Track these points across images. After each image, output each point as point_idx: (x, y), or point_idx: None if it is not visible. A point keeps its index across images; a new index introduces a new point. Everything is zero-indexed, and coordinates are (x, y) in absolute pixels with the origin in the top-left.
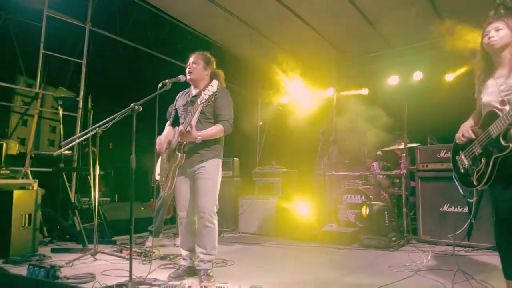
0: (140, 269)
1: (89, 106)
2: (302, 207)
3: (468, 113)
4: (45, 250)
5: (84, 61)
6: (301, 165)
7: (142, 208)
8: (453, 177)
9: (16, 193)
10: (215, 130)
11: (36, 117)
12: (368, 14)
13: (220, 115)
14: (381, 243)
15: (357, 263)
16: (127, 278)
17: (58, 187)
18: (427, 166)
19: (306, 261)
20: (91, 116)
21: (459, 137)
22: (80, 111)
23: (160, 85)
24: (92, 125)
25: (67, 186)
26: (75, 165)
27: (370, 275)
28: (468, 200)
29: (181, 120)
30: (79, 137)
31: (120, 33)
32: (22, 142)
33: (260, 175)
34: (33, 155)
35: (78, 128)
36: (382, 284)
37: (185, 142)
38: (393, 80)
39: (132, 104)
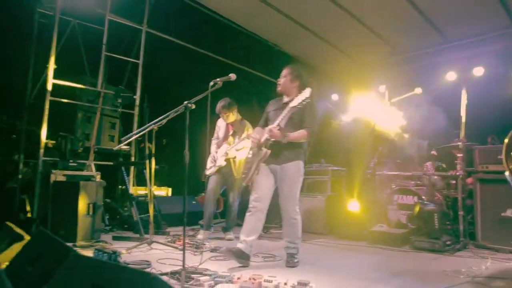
0: (192, 260)
1: (145, 104)
2: (351, 206)
3: None
4: (106, 237)
5: (140, 61)
6: (350, 163)
7: (194, 202)
8: (508, 178)
9: (82, 184)
10: (300, 134)
11: (98, 114)
12: (423, 7)
13: (306, 122)
14: (434, 246)
15: (407, 265)
16: (181, 267)
17: (117, 180)
18: (487, 167)
19: (355, 260)
20: (147, 114)
21: None
22: (137, 108)
23: (211, 83)
24: (148, 121)
25: (126, 179)
26: (133, 160)
27: (421, 278)
28: None
29: (270, 123)
30: (137, 133)
31: (174, 34)
32: (87, 137)
33: (308, 173)
34: (96, 150)
35: (135, 125)
36: None
37: (271, 141)
38: (450, 77)
39: (185, 102)
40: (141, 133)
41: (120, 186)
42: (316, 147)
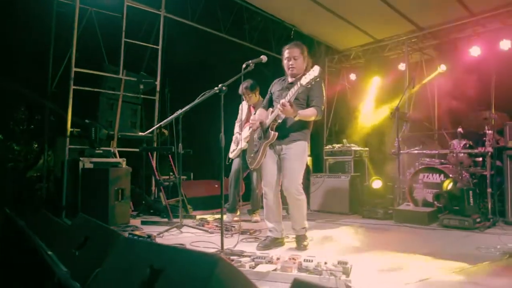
0: (225, 242)
1: (167, 89)
2: (376, 186)
3: None
4: (135, 222)
5: (160, 47)
6: (372, 143)
7: (216, 185)
8: None
9: (111, 170)
10: (310, 112)
11: (120, 101)
12: None
13: (313, 101)
14: (464, 224)
15: (439, 243)
16: (215, 249)
17: (139, 166)
18: None
19: (386, 239)
20: (168, 99)
21: None
22: (158, 94)
23: (244, 66)
24: (170, 107)
25: (153, 165)
26: (155, 146)
27: (456, 255)
28: None
29: (274, 104)
30: (172, 118)
31: (192, 17)
32: (110, 124)
33: (331, 153)
34: (119, 136)
35: (157, 111)
36: (472, 265)
37: (277, 123)
38: (474, 51)
39: (220, 85)
40: (172, 118)
41: (144, 172)
42: (336, 127)
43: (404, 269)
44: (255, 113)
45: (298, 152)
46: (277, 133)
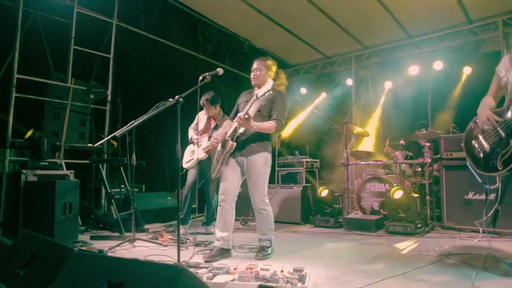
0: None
1: (119, 99)
2: (326, 196)
3: None
4: (83, 237)
5: (111, 56)
6: (323, 154)
7: (169, 198)
8: (468, 164)
9: (58, 183)
10: (268, 125)
11: (68, 110)
12: (388, 3)
13: (274, 115)
14: (407, 230)
15: (385, 248)
16: (172, 262)
17: (88, 178)
18: (451, 154)
19: (337, 246)
20: (120, 109)
21: (484, 121)
22: (109, 104)
23: (200, 78)
24: (122, 117)
25: (104, 177)
26: (106, 157)
27: (400, 259)
28: (488, 187)
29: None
30: (128, 129)
31: (145, 27)
32: (56, 134)
33: (283, 165)
34: (66, 147)
35: (108, 121)
36: (415, 267)
37: (238, 133)
38: (413, 70)
39: (176, 97)
40: (128, 129)
41: (93, 185)
42: (288, 139)
43: (355, 274)
44: (216, 125)
45: (260, 164)
46: (235, 144)
